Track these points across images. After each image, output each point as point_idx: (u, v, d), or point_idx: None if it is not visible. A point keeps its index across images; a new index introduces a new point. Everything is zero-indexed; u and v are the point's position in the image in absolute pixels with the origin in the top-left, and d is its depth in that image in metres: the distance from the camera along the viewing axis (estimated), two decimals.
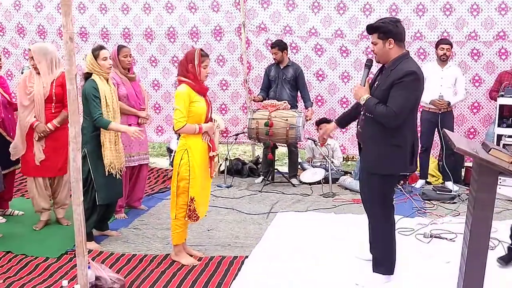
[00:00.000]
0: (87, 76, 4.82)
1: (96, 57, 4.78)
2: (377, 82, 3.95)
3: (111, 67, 4.91)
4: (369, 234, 4.36)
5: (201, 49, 4.40)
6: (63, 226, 5.36)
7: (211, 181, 4.63)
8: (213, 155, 4.45)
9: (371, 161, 3.99)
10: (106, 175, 4.73)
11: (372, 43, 3.92)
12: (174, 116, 4.28)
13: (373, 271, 4.16)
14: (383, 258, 4.13)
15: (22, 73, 7.03)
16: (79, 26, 8.19)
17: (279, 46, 7.09)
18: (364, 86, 3.98)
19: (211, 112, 4.50)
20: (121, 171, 4.93)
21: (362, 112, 4.07)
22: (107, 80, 4.85)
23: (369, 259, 4.37)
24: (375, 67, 4.26)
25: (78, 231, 3.35)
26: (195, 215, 4.38)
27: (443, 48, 6.68)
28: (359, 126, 4.13)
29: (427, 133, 6.94)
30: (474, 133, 7.57)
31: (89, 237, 4.78)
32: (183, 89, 4.27)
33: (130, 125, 5.62)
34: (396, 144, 3.85)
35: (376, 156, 3.92)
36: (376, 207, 4.06)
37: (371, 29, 3.87)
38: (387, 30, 3.78)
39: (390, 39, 3.78)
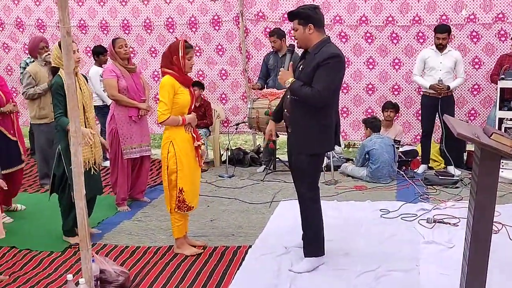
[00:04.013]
0: (54, 70, 4.65)
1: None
2: (301, 66, 4.04)
3: (79, 60, 4.72)
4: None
5: (185, 40, 4.38)
6: None
7: (200, 170, 4.64)
8: (198, 145, 4.46)
9: (301, 143, 4.06)
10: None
11: (293, 29, 4.05)
12: (158, 108, 4.28)
13: (304, 256, 4.19)
14: (313, 240, 4.19)
15: (21, 67, 7.03)
16: (78, 19, 8.16)
17: (278, 34, 7.05)
18: (288, 70, 4.08)
19: (194, 103, 4.51)
20: (98, 167, 4.81)
21: (288, 96, 4.14)
22: (76, 74, 4.52)
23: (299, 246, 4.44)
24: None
25: (81, 225, 3.36)
26: (185, 205, 4.41)
27: (439, 38, 6.63)
28: (285, 110, 4.19)
29: (428, 118, 6.91)
30: (475, 114, 7.55)
31: (70, 233, 4.81)
32: (167, 80, 4.26)
33: (130, 117, 5.64)
34: (323, 124, 3.98)
35: (306, 137, 4.02)
36: (304, 188, 4.13)
37: (291, 15, 4.00)
38: (306, 16, 3.90)
39: (309, 24, 3.90)
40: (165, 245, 4.73)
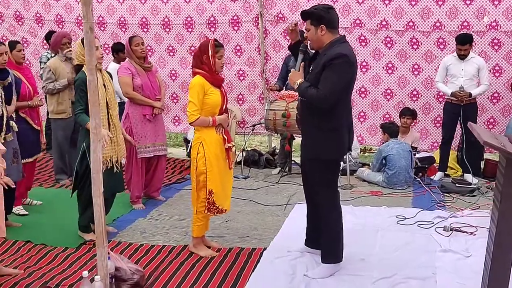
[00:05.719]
0: (78, 68, 4.63)
1: None
2: (311, 67, 3.98)
3: (102, 56, 4.71)
4: (308, 226, 4.41)
5: (215, 39, 4.36)
6: None
7: (231, 172, 4.59)
8: (229, 147, 4.41)
9: (309, 147, 4.00)
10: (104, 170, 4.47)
11: (305, 29, 3.98)
12: (187, 109, 4.24)
13: (322, 262, 4.12)
14: (331, 247, 4.11)
15: (40, 62, 7.06)
16: (97, 16, 8.17)
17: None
18: (299, 71, 4.00)
19: (226, 104, 4.44)
20: (121, 165, 4.80)
21: (298, 98, 4.08)
22: (100, 71, 4.53)
23: (307, 251, 4.42)
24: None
25: (98, 222, 3.35)
26: (214, 207, 4.35)
27: (461, 49, 6.55)
28: (297, 112, 4.14)
29: (449, 125, 6.83)
30: (494, 123, 7.46)
31: (86, 229, 4.82)
32: (197, 80, 4.22)
33: (145, 115, 5.62)
34: (331, 129, 3.88)
35: (314, 141, 3.95)
36: (321, 194, 4.04)
37: (304, 15, 3.94)
38: (319, 16, 3.84)
39: (322, 25, 3.83)
40: (179, 244, 4.71)
